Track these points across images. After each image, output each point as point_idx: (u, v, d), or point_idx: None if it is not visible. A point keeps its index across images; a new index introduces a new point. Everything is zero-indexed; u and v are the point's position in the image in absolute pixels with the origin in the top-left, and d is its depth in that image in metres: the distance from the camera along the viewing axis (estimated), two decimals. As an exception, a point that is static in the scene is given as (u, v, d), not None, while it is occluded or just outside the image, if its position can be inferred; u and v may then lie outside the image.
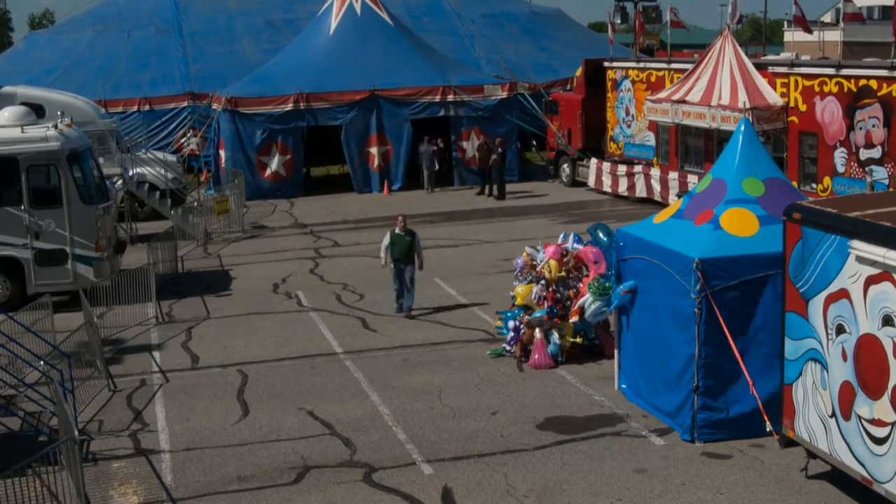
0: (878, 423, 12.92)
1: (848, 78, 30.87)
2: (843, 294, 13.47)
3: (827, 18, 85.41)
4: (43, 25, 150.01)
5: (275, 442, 17.41)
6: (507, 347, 21.52)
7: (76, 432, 14.70)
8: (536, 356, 20.74)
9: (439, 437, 17.37)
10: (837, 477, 14.58)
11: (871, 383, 12.99)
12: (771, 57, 39.56)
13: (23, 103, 32.12)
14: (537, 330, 20.85)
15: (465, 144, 46.05)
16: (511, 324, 21.41)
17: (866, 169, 29.90)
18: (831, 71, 31.79)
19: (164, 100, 53.00)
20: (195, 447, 17.28)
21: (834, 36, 63.72)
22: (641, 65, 42.35)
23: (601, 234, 19.69)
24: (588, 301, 19.46)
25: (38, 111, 31.46)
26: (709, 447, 16.41)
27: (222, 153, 45.12)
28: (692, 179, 35.39)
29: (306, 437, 17.55)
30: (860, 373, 13.23)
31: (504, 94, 46.60)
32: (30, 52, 59.85)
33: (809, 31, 40.70)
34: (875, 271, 12.79)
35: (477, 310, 25.09)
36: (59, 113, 29.27)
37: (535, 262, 21.56)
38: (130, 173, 36.75)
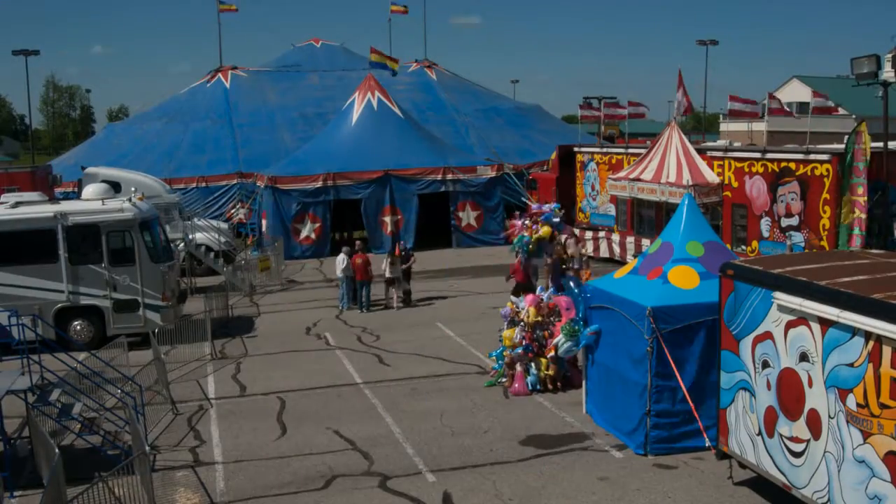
0: (796, 440, 12.97)
1: (772, 160, 31.11)
2: (768, 335, 13.54)
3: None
4: (119, 118, 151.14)
5: (307, 455, 17.44)
6: (502, 380, 21.57)
7: (147, 447, 14.79)
8: (516, 385, 20.85)
9: (441, 451, 17.39)
10: (761, 483, 14.65)
11: (791, 408, 13.05)
12: (709, 143, 39.83)
13: (103, 181, 32.46)
14: (518, 364, 20.96)
15: (461, 214, 46.32)
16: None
17: (786, 234, 30.07)
18: (758, 155, 32.03)
19: (218, 178, 53.24)
20: (243, 459, 17.32)
21: (760, 127, 64.28)
22: (604, 150, 42.69)
23: (572, 286, 19.83)
24: (561, 341, 19.56)
25: (115, 187, 31.76)
26: (659, 459, 16.45)
27: (265, 222, 45.35)
28: (645, 242, 35.53)
29: (333, 452, 17.57)
30: (781, 399, 13.29)
31: (493, 174, 46.90)
32: (109, 140, 60.21)
33: (754, 105, 40.68)
34: (794, 317, 12.87)
35: (471, 348, 25.16)
36: (132, 189, 29.57)
37: (518, 311, 21.70)
38: (190, 237, 36.89)
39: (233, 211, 51.01)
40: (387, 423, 19.21)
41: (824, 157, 28.78)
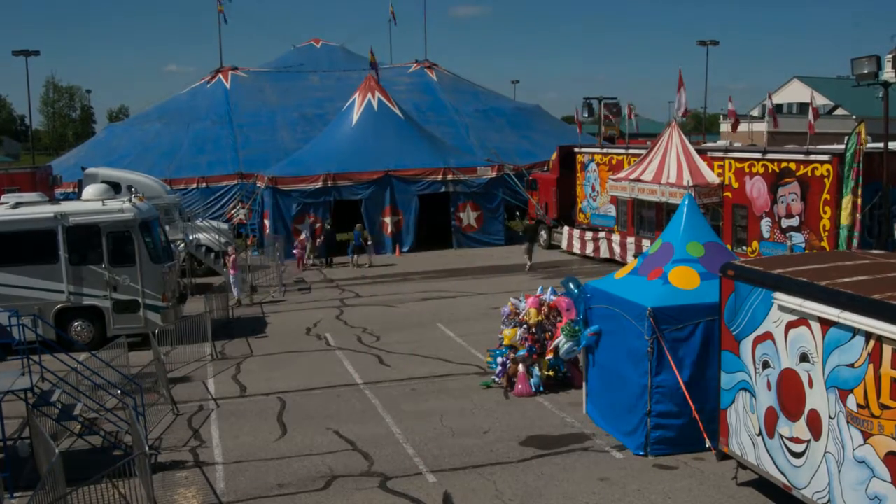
0: (797, 440, 13.00)
1: (772, 161, 31.13)
2: (768, 336, 13.57)
3: (755, 112, 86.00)
4: (119, 118, 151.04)
5: (308, 456, 17.44)
6: (496, 379, 21.59)
7: (146, 448, 14.79)
8: (520, 386, 20.82)
9: (441, 451, 17.40)
10: (763, 484, 14.65)
11: (791, 408, 13.08)
12: (709, 144, 39.86)
13: (104, 181, 32.46)
14: (521, 365, 20.94)
15: (461, 215, 46.33)
16: (499, 360, 21.50)
17: (787, 235, 30.08)
18: (758, 155, 32.05)
19: (218, 178, 53.23)
20: (243, 460, 17.32)
21: (760, 127, 64.31)
22: (605, 150, 42.71)
23: (572, 287, 19.81)
24: (561, 342, 19.55)
25: (115, 188, 31.73)
26: (659, 460, 16.46)
27: (267, 222, 45.38)
28: (645, 243, 35.57)
29: (333, 452, 17.57)
30: (782, 400, 13.32)
31: (493, 174, 46.91)
32: (109, 140, 60.18)
33: (736, 125, 40.84)
34: (794, 317, 12.89)
35: (471, 348, 25.17)
36: (132, 189, 29.57)
37: (518, 311, 21.68)
38: (191, 237, 36.89)
39: (233, 212, 51.01)
40: (387, 423, 19.21)
41: (824, 157, 28.79)
